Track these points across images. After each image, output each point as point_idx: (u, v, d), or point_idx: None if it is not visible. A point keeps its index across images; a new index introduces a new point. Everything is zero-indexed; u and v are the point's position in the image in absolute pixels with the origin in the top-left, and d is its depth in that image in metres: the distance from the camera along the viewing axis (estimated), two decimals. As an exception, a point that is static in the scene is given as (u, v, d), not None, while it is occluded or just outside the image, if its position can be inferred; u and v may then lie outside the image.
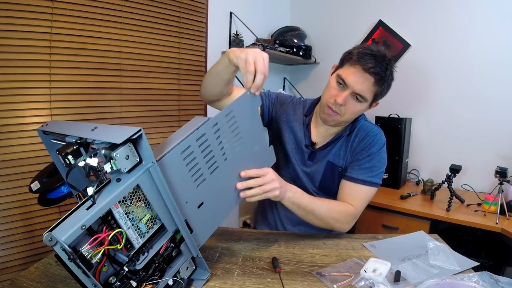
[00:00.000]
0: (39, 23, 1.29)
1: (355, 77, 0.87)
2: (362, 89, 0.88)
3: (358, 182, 0.96)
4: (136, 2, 1.59)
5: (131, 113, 1.64)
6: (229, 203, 0.76)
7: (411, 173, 2.09)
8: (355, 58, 0.88)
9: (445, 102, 1.95)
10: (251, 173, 0.76)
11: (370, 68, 0.86)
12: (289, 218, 1.10)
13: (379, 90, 0.90)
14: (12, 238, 1.27)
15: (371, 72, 0.86)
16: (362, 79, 0.87)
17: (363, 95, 0.88)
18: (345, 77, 0.88)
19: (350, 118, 0.96)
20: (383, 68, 0.87)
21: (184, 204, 0.63)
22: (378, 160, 0.97)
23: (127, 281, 0.58)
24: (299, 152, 1.05)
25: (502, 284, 0.65)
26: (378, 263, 0.73)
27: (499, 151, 1.77)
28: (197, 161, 0.64)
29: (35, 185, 0.72)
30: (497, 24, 1.74)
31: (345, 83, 0.88)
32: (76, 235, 0.47)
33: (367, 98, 0.90)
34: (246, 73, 0.73)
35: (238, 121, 0.72)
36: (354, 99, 0.90)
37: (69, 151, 0.54)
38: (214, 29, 1.99)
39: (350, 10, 2.29)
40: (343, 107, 0.90)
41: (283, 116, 1.08)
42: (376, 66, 0.86)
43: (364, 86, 0.87)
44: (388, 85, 0.92)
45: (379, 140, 0.99)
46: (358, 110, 0.93)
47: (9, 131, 1.25)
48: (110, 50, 1.53)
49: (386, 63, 0.88)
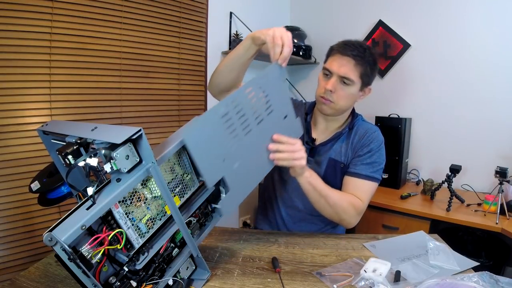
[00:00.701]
0: (39, 23, 1.29)
1: (337, 62, 0.97)
2: (345, 71, 0.96)
3: (361, 177, 1.00)
4: (136, 2, 1.59)
5: (131, 113, 1.65)
6: (261, 167, 0.80)
7: (411, 173, 2.09)
8: (335, 49, 1.00)
9: (445, 102, 1.95)
10: (283, 138, 0.80)
11: (348, 51, 0.96)
12: (290, 215, 1.10)
13: (362, 70, 0.97)
14: (12, 238, 1.27)
15: (349, 54, 0.96)
16: (343, 62, 0.96)
17: (347, 76, 0.96)
18: (329, 66, 0.99)
19: (344, 104, 1.01)
20: (361, 50, 0.96)
21: (222, 161, 0.67)
22: (378, 156, 1.02)
23: (127, 281, 0.58)
24: None
25: (502, 284, 0.65)
26: (378, 263, 0.73)
27: (499, 151, 1.77)
28: (232, 121, 0.68)
29: (35, 185, 0.72)
30: (497, 24, 1.74)
31: (330, 71, 0.98)
32: (76, 235, 0.47)
33: (353, 79, 0.97)
34: (274, 46, 0.78)
35: (268, 90, 0.76)
36: (342, 84, 0.98)
37: (69, 151, 0.54)
38: (214, 29, 1.99)
39: (350, 10, 2.29)
40: (334, 94, 0.98)
41: None
42: (354, 49, 0.96)
43: (346, 68, 0.96)
44: (371, 66, 0.99)
45: (378, 137, 1.04)
46: (349, 94, 0.99)
47: (9, 131, 1.25)
48: (110, 50, 1.53)
49: (363, 47, 0.98)
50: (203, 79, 1.97)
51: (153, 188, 0.61)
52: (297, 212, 1.10)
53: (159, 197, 0.63)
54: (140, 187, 0.60)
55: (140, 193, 0.60)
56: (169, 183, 0.66)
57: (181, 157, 0.68)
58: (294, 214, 1.10)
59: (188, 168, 0.69)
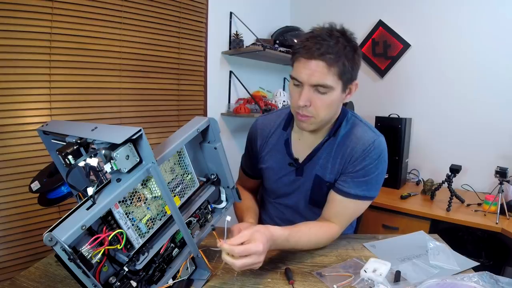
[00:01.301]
0: (39, 23, 1.29)
1: (304, 69, 0.76)
2: (317, 79, 0.75)
3: (350, 197, 0.86)
4: (136, 2, 1.59)
5: (131, 113, 1.64)
6: None
7: (411, 173, 2.09)
8: (298, 49, 0.78)
9: (445, 102, 1.95)
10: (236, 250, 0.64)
11: (314, 52, 0.74)
12: (280, 218, 1.08)
13: (339, 70, 0.76)
14: (12, 238, 1.27)
15: (317, 56, 0.74)
16: (312, 66, 0.75)
17: (322, 83, 0.76)
18: (296, 74, 0.79)
19: (327, 114, 0.82)
20: (332, 43, 0.74)
21: None
22: (375, 173, 0.86)
23: (127, 281, 0.58)
24: (284, 172, 0.98)
25: (502, 284, 0.65)
26: (378, 263, 0.73)
27: (499, 151, 1.77)
28: None
29: (35, 185, 0.72)
30: (498, 25, 1.74)
31: (299, 81, 0.78)
32: (76, 235, 0.47)
33: (331, 85, 0.77)
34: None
35: None
36: (317, 93, 0.78)
37: (69, 151, 0.54)
38: (214, 29, 1.99)
39: (350, 10, 2.29)
40: (311, 107, 0.79)
41: (267, 147, 1.02)
42: (321, 46, 0.74)
43: (317, 75, 0.75)
44: (350, 59, 0.77)
45: (376, 150, 0.85)
46: (329, 102, 0.80)
47: (9, 131, 1.25)
48: (110, 50, 1.53)
49: (334, 36, 0.76)
50: (203, 79, 1.97)
51: (153, 188, 0.61)
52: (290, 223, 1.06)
53: (159, 197, 0.63)
54: (140, 187, 0.60)
55: (140, 193, 0.60)
56: (169, 183, 0.66)
57: (182, 157, 0.68)
58: (283, 217, 1.07)
59: (188, 168, 0.69)
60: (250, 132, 1.07)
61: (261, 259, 0.67)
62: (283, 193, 1.02)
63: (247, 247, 0.65)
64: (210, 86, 2.01)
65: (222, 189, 0.79)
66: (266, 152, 1.02)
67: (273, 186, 1.03)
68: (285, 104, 2.15)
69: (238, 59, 2.17)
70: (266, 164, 1.02)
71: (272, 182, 1.03)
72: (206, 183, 0.75)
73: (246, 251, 0.64)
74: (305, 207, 1.00)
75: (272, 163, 1.00)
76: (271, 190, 1.05)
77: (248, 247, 0.65)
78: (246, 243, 0.66)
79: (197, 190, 0.73)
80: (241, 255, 0.64)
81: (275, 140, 1.00)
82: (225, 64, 2.11)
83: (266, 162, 1.02)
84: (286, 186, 1.00)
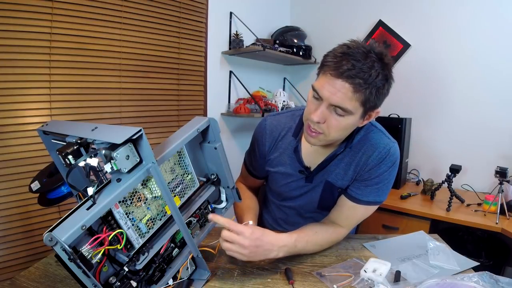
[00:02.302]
0: (39, 23, 1.29)
1: (328, 86, 0.70)
2: (339, 101, 0.70)
3: (361, 203, 0.86)
4: (136, 2, 1.58)
5: (131, 113, 1.64)
6: None
7: (411, 173, 2.09)
8: (329, 62, 0.71)
9: (445, 102, 1.95)
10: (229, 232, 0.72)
11: (344, 72, 0.68)
12: (283, 220, 1.08)
13: (364, 97, 0.70)
14: (12, 238, 1.27)
15: (345, 76, 0.68)
16: (337, 86, 0.69)
17: (342, 107, 0.70)
18: (318, 88, 0.73)
19: (338, 136, 0.78)
20: (365, 68, 0.68)
21: None
22: (388, 179, 0.85)
23: (127, 281, 0.58)
24: (294, 178, 0.96)
25: (502, 284, 0.65)
26: (378, 263, 0.73)
27: (499, 151, 1.77)
28: None
29: (35, 185, 0.72)
30: (498, 25, 1.74)
31: (319, 95, 0.73)
32: (76, 235, 0.47)
33: (350, 110, 0.71)
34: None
35: None
36: (334, 114, 0.73)
37: (69, 151, 0.55)
38: (214, 29, 1.99)
39: (350, 10, 2.29)
40: (323, 124, 0.74)
41: (276, 150, 0.98)
42: (353, 67, 0.67)
43: (340, 96, 0.69)
44: (378, 88, 0.71)
45: (391, 157, 0.83)
46: (344, 125, 0.75)
47: (9, 131, 1.25)
48: (110, 50, 1.52)
49: (370, 60, 0.68)
50: (203, 79, 1.97)
51: (153, 188, 0.61)
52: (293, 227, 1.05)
53: (159, 197, 0.63)
54: (141, 187, 0.60)
55: (140, 193, 0.60)
56: (169, 183, 0.66)
57: (182, 157, 0.68)
58: (287, 219, 1.07)
59: (188, 168, 0.69)
60: (258, 131, 1.00)
61: (244, 252, 0.71)
62: (290, 197, 1.01)
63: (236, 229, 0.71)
64: (210, 86, 2.01)
65: (222, 189, 0.79)
66: (275, 156, 0.97)
67: (280, 189, 1.01)
68: (285, 104, 2.15)
69: (238, 59, 2.18)
70: (274, 168, 0.98)
71: (279, 186, 1.00)
72: (206, 183, 0.75)
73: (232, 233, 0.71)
74: (312, 211, 0.99)
75: (281, 168, 0.96)
76: (278, 192, 1.03)
77: (237, 228, 0.72)
78: (240, 232, 0.71)
79: (197, 190, 0.73)
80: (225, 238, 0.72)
81: (286, 144, 0.95)
82: (225, 64, 2.11)
83: (274, 166, 0.98)
84: (293, 190, 0.98)
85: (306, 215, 1.02)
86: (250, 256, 0.72)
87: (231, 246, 0.71)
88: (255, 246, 0.72)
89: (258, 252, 0.72)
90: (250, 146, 1.04)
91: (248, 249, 0.71)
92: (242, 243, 0.70)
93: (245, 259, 0.72)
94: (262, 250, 0.73)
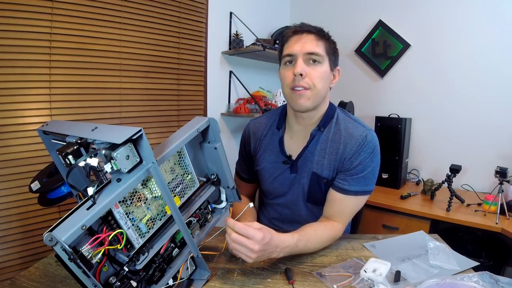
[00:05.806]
0: (39, 23, 1.29)
1: (297, 42, 0.86)
2: (310, 47, 0.85)
3: (350, 194, 0.89)
4: (136, 2, 1.59)
5: (131, 113, 1.64)
6: None
7: (411, 173, 2.09)
8: (289, 33, 0.90)
9: (445, 102, 1.95)
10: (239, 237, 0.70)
11: (305, 28, 0.88)
12: (278, 219, 1.08)
13: (326, 46, 0.87)
14: (12, 238, 1.27)
15: (306, 30, 0.87)
16: (304, 39, 0.86)
17: (315, 51, 0.85)
18: (290, 50, 0.87)
19: (322, 86, 0.87)
20: (317, 27, 0.89)
21: None
22: (371, 166, 0.89)
23: (127, 281, 0.58)
24: (279, 171, 1.00)
25: (502, 284, 0.65)
26: (378, 263, 0.73)
27: (499, 151, 1.77)
28: None
29: (35, 185, 0.72)
30: (498, 25, 1.74)
31: (292, 54, 0.86)
32: (76, 235, 0.47)
33: (322, 54, 0.85)
34: None
35: None
36: (311, 63, 0.86)
37: (70, 151, 0.54)
38: (214, 29, 1.99)
39: (350, 10, 2.29)
40: (306, 78, 0.85)
41: (261, 148, 1.04)
42: (309, 27, 0.88)
43: (309, 44, 0.85)
44: (332, 42, 0.90)
45: (369, 143, 0.89)
46: (322, 73, 0.86)
47: (9, 131, 1.25)
48: (110, 50, 1.53)
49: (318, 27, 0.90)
50: (203, 79, 1.97)
51: (154, 188, 0.61)
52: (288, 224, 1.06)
53: (159, 197, 0.63)
54: (141, 187, 0.60)
55: (140, 193, 0.60)
56: (169, 183, 0.66)
57: (182, 157, 0.68)
58: (283, 218, 1.07)
59: (188, 168, 0.69)
60: (242, 136, 1.10)
61: (252, 256, 0.70)
62: (280, 193, 1.03)
63: (247, 233, 0.69)
64: (210, 86, 2.01)
65: (222, 189, 0.79)
66: (260, 153, 1.04)
67: (270, 186, 1.04)
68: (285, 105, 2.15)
69: (238, 59, 2.18)
70: (261, 165, 1.04)
71: (268, 182, 1.04)
72: (206, 183, 0.75)
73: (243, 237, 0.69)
74: (303, 205, 1.00)
75: (266, 163, 1.02)
76: (268, 190, 1.06)
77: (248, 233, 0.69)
78: (251, 237, 0.69)
79: (197, 190, 0.73)
80: (235, 241, 0.69)
81: (268, 140, 1.02)
82: (225, 64, 2.11)
83: (261, 164, 1.04)
84: (282, 185, 1.01)
85: (300, 213, 1.02)
86: (256, 259, 0.72)
87: (240, 248, 0.70)
88: (263, 250, 0.71)
89: (264, 255, 0.73)
90: (239, 153, 1.13)
91: (257, 253, 0.70)
92: (252, 248, 0.69)
93: (251, 262, 0.72)
94: (267, 252, 0.73)
